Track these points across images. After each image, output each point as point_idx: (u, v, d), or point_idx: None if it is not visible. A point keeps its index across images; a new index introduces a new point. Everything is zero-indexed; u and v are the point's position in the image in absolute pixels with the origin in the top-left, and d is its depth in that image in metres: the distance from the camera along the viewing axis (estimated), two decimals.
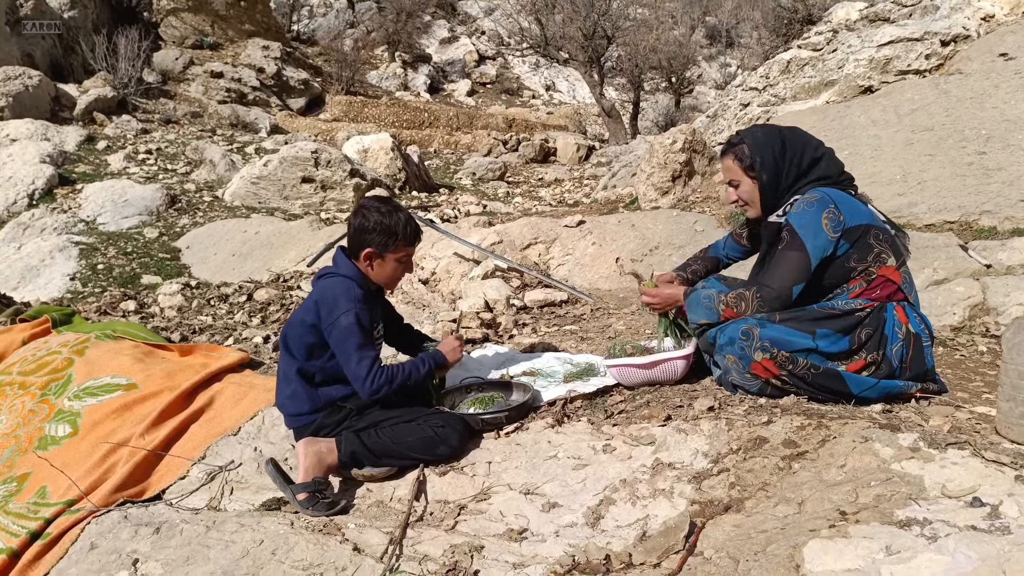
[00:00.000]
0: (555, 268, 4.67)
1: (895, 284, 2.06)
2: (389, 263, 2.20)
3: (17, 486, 2.43)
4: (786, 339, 2.01)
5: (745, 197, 2.18)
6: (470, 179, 10.93)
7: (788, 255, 2.03)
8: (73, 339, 3.11)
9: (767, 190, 2.12)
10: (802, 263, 2.01)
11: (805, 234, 2.00)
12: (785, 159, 2.09)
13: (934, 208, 4.27)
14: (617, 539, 1.68)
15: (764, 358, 2.00)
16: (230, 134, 11.12)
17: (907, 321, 2.06)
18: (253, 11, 16.09)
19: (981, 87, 5.15)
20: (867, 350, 2.02)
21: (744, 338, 2.03)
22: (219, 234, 6.79)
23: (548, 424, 2.20)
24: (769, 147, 2.10)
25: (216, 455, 2.40)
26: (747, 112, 7.30)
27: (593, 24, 13.35)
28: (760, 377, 2.06)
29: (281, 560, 1.81)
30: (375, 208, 2.18)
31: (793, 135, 2.15)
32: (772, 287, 2.05)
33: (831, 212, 2.01)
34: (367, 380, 2.08)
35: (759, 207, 2.16)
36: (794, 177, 2.10)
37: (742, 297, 2.09)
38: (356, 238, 2.19)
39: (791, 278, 2.02)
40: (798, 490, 1.62)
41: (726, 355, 2.10)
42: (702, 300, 2.17)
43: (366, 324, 2.13)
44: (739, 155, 2.14)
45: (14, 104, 9.79)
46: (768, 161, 2.09)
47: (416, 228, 2.22)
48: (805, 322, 2.04)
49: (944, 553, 1.29)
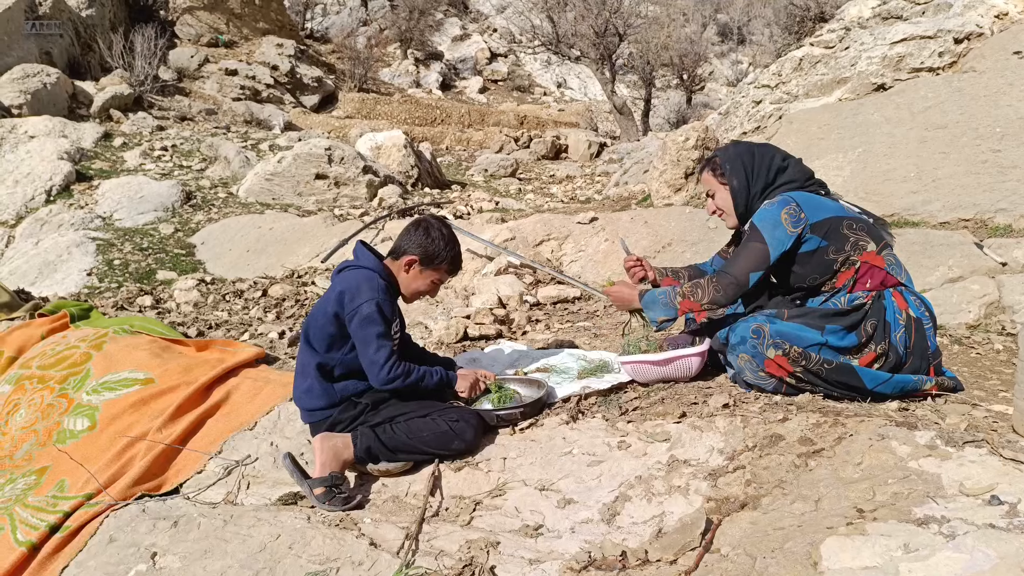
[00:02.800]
0: (568, 265, 4.67)
1: (880, 268, 2.10)
2: (425, 278, 2.28)
3: (36, 479, 2.46)
4: (797, 334, 2.05)
5: (720, 205, 2.29)
6: (482, 176, 10.94)
7: (748, 246, 2.14)
8: (91, 334, 3.15)
9: (739, 195, 2.22)
10: (760, 253, 2.11)
11: (763, 227, 2.12)
12: (753, 166, 2.22)
13: (949, 206, 4.23)
14: (633, 536, 1.69)
15: (777, 354, 2.03)
16: (244, 131, 11.20)
17: (906, 307, 2.10)
18: (268, 9, 16.18)
19: (995, 85, 5.09)
20: (875, 341, 2.06)
21: (755, 336, 2.06)
22: (234, 230, 6.84)
23: (563, 420, 2.21)
24: (738, 156, 2.25)
25: (233, 449, 2.43)
26: (759, 109, 7.26)
27: (605, 21, 13.32)
28: (774, 376, 2.08)
29: (298, 554, 1.83)
30: (438, 228, 2.29)
31: (761, 147, 2.29)
32: (729, 273, 2.15)
33: (791, 209, 2.11)
34: (384, 367, 2.11)
35: (734, 214, 2.26)
36: (763, 184, 2.21)
37: (697, 285, 2.16)
38: (407, 243, 2.26)
39: (748, 266, 2.12)
40: (815, 487, 1.62)
41: (739, 354, 2.13)
42: (657, 298, 2.23)
43: (388, 314, 2.16)
44: (712, 166, 2.29)
45: (32, 101, 9.89)
46: (737, 167, 2.22)
47: (460, 263, 2.35)
48: (814, 319, 2.08)
49: (962, 551, 1.29)
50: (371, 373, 2.15)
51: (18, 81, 10.07)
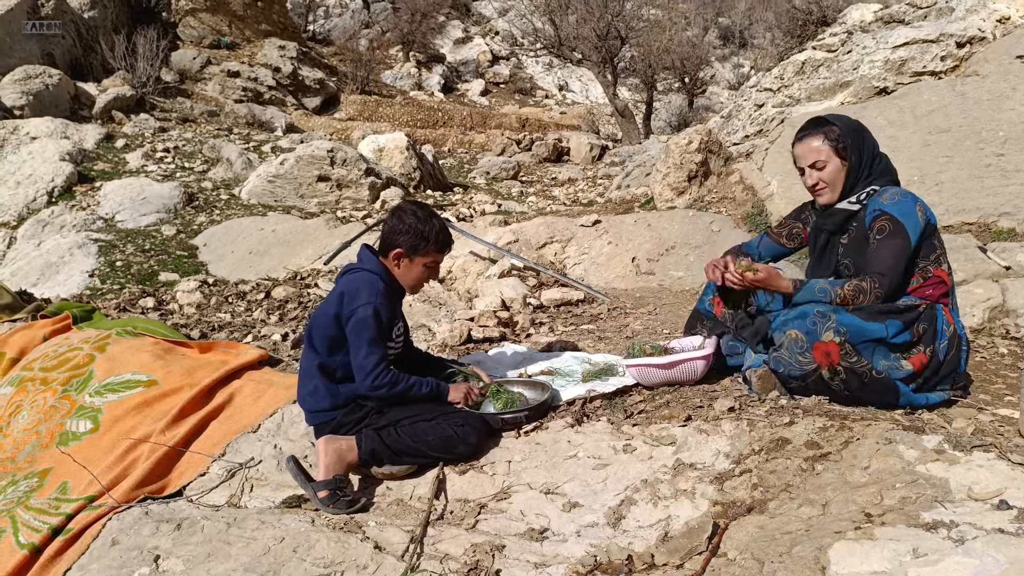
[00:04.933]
0: (571, 267, 4.66)
1: (946, 286, 2.10)
2: (417, 266, 2.24)
3: (39, 481, 2.45)
4: (861, 326, 2.00)
5: (828, 179, 2.14)
6: (484, 178, 10.94)
7: (891, 242, 2.03)
8: (94, 335, 3.15)
9: (852, 173, 2.13)
10: (904, 249, 2.03)
11: (907, 222, 2.03)
12: (865, 144, 2.14)
13: (952, 209, 4.23)
14: (639, 539, 1.68)
15: (833, 340, 1.97)
16: (246, 133, 11.20)
17: (953, 323, 2.10)
18: (270, 11, 16.21)
19: (998, 89, 5.10)
20: (924, 343, 2.05)
21: (819, 316, 2.00)
22: (236, 232, 6.84)
23: (567, 424, 2.20)
24: (857, 132, 2.14)
25: (236, 452, 2.42)
26: (762, 112, 7.26)
27: (607, 24, 13.34)
28: (815, 362, 2.01)
29: (302, 557, 1.82)
30: (412, 211, 2.22)
31: (863, 126, 2.19)
32: (887, 275, 2.03)
33: (921, 205, 2.08)
34: (371, 374, 2.10)
35: (839, 190, 2.16)
36: (869, 167, 2.14)
37: (860, 289, 2.04)
38: (389, 237, 2.23)
39: (898, 263, 2.03)
40: (822, 491, 1.61)
41: (789, 330, 2.03)
42: (816, 292, 2.09)
43: (384, 319, 2.15)
44: (829, 135, 2.13)
45: (34, 102, 9.90)
46: (857, 143, 2.12)
47: (448, 237, 2.27)
48: (874, 314, 2.04)
49: (972, 556, 1.28)
50: (358, 377, 2.14)
51: (20, 82, 10.08)
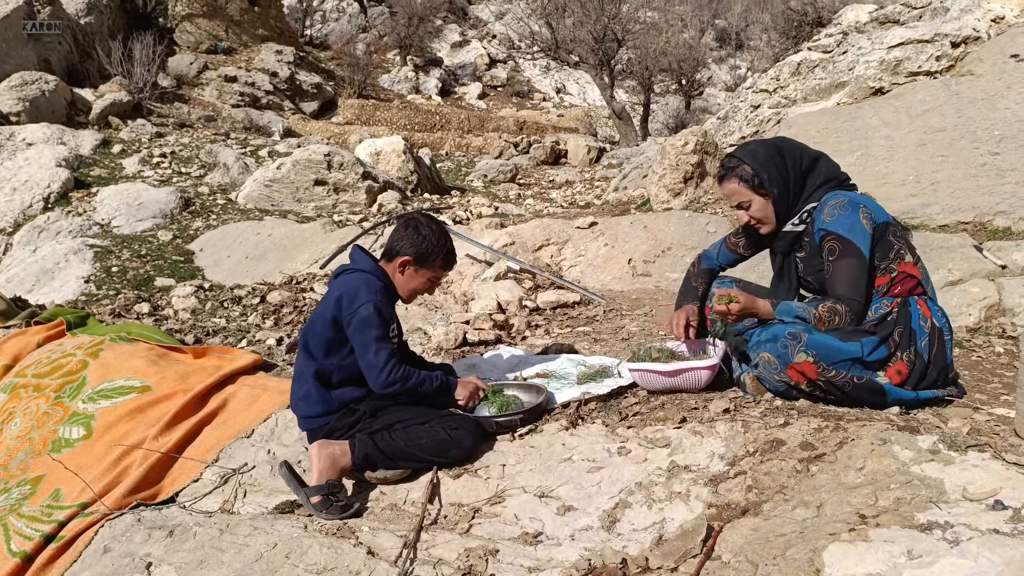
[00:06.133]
0: (567, 269, 4.66)
1: (915, 279, 2.06)
2: (421, 277, 2.26)
3: (31, 488, 2.44)
4: (834, 346, 1.97)
5: (758, 215, 2.16)
6: (481, 181, 10.95)
7: (849, 263, 2.01)
8: (88, 341, 3.13)
9: (780, 203, 2.12)
10: (862, 265, 2.01)
11: (854, 236, 2.01)
12: (787, 168, 2.11)
13: (948, 209, 4.22)
14: (633, 543, 1.67)
15: (806, 360, 1.96)
16: (243, 137, 11.20)
17: (931, 315, 2.06)
18: (267, 16, 16.23)
19: (993, 88, 5.10)
20: (901, 349, 2.01)
21: (790, 338, 1.99)
22: (232, 236, 6.83)
23: (562, 426, 2.19)
24: (770, 160, 2.10)
25: (229, 458, 2.41)
26: (758, 114, 7.27)
27: (603, 27, 13.37)
28: (792, 381, 2.02)
29: (295, 564, 1.81)
30: (427, 224, 2.25)
31: (785, 143, 2.18)
32: (856, 298, 2.01)
33: (864, 211, 2.04)
34: (383, 370, 2.09)
35: (774, 222, 2.16)
36: (800, 184, 2.11)
37: (835, 311, 2.02)
38: (399, 244, 2.24)
39: (862, 281, 2.01)
40: (816, 493, 1.60)
41: (762, 352, 2.05)
42: (795, 311, 2.08)
43: (386, 316, 2.15)
44: (743, 176, 2.13)
45: (31, 108, 9.92)
46: (774, 174, 2.10)
47: (454, 256, 2.32)
48: (849, 332, 2.01)
49: (967, 557, 1.27)
50: (370, 376, 2.13)
51: (16, 88, 10.09)
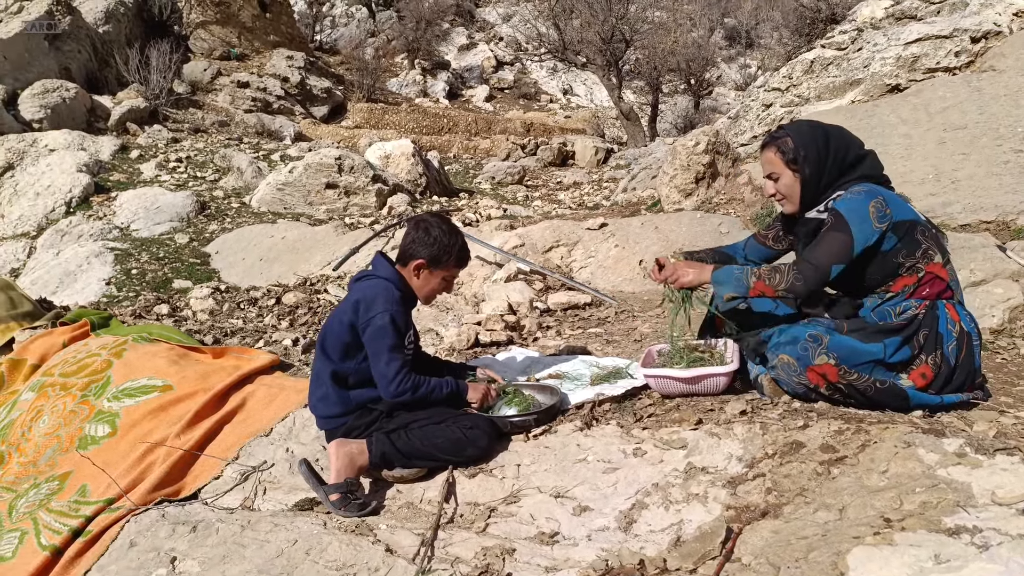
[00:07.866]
0: (578, 271, 4.65)
1: (944, 281, 2.01)
2: (436, 278, 2.27)
3: (59, 484, 2.49)
4: (856, 348, 1.95)
5: (784, 191, 2.11)
6: (489, 183, 10.96)
7: (832, 235, 1.97)
8: (111, 342, 3.18)
9: (808, 185, 2.07)
10: (845, 245, 1.95)
11: (851, 219, 1.96)
12: (828, 155, 2.05)
13: (969, 208, 4.17)
14: (651, 544, 1.67)
15: (827, 363, 1.93)
16: (256, 142, 11.30)
17: (959, 319, 2.02)
18: (278, 23, 16.38)
19: (1016, 84, 5.03)
20: (926, 352, 1.97)
21: (811, 340, 1.95)
22: (247, 239, 6.89)
23: (577, 427, 2.19)
24: (813, 142, 2.05)
25: (249, 455, 2.43)
26: (769, 113, 7.22)
27: (611, 28, 13.33)
28: (811, 384, 1.99)
29: (315, 560, 1.82)
30: (436, 225, 2.26)
31: (838, 132, 2.11)
32: (811, 263, 1.98)
33: (878, 203, 1.98)
34: (393, 381, 2.11)
35: (797, 202, 2.11)
36: (836, 174, 2.06)
37: (777, 270, 2.00)
38: (412, 247, 2.25)
39: (831, 257, 1.96)
40: (839, 496, 1.59)
41: (781, 354, 2.01)
42: (732, 274, 2.06)
43: (401, 326, 2.16)
44: (782, 147, 2.08)
45: (52, 116, 10.08)
46: (812, 156, 2.04)
47: (467, 253, 2.32)
48: (872, 334, 1.99)
49: (996, 562, 1.25)
50: (381, 386, 2.16)
51: (38, 96, 10.27)
